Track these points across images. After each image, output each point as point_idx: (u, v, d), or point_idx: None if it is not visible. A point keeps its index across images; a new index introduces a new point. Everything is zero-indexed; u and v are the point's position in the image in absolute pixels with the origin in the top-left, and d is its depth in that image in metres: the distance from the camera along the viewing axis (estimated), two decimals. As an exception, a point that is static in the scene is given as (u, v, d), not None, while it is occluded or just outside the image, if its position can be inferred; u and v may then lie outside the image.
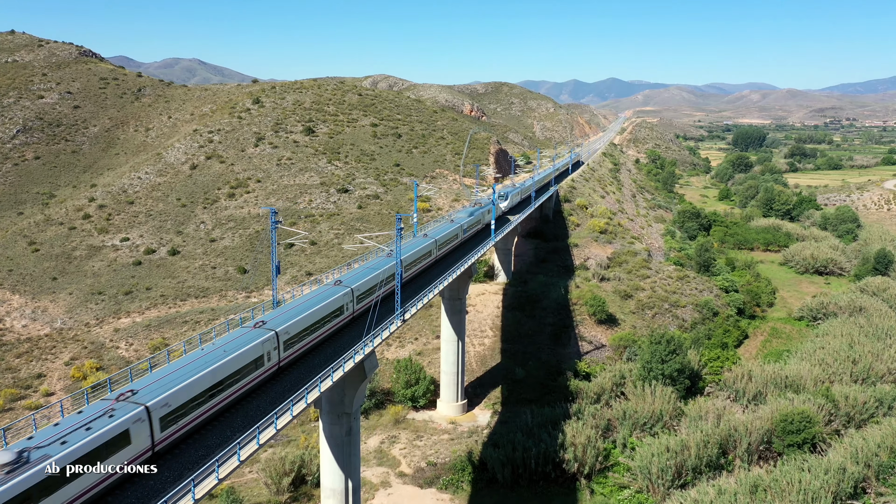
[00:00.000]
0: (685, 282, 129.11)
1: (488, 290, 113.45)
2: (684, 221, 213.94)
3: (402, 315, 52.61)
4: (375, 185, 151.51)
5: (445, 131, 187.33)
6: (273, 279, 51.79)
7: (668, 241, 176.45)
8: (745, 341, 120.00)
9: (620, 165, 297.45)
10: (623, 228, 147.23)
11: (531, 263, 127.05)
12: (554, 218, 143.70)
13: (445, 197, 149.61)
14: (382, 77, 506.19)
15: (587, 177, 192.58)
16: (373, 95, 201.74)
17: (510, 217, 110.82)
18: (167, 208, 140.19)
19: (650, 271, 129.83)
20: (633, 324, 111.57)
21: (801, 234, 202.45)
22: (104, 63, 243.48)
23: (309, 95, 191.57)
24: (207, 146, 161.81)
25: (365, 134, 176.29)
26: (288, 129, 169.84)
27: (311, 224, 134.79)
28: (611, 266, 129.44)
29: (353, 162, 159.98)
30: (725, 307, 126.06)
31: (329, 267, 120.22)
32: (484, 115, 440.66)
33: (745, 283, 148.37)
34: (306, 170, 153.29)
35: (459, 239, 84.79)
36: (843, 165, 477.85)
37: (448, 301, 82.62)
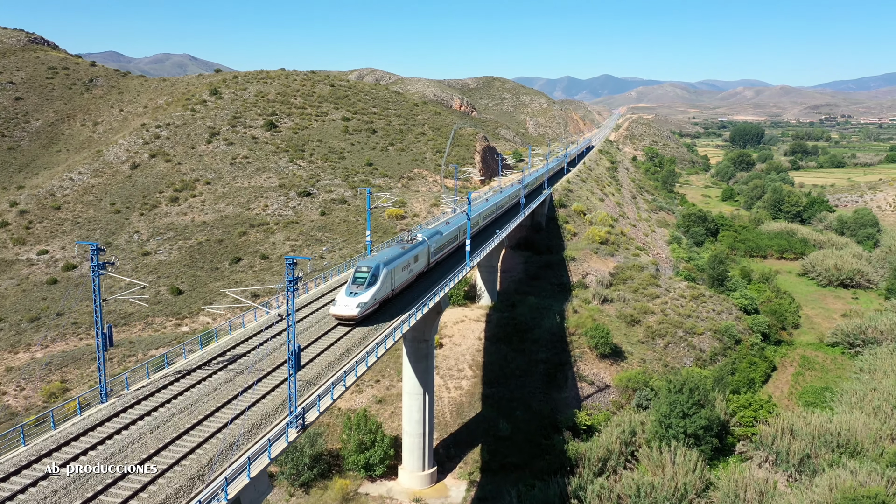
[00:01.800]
0: (700, 302, 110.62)
1: (468, 315, 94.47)
2: (690, 225, 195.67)
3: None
4: (343, 187, 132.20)
5: (426, 126, 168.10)
6: (98, 355, 32.99)
7: (675, 249, 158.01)
8: (773, 374, 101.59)
9: (618, 164, 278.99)
10: (626, 238, 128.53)
11: (520, 281, 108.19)
12: (547, 226, 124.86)
13: (423, 201, 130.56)
14: (369, 71, 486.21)
15: (584, 177, 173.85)
16: (346, 87, 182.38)
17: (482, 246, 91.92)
18: (98, 215, 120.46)
19: (659, 289, 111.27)
20: (643, 356, 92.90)
21: (818, 241, 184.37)
22: (57, 51, 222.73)
23: (274, 86, 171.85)
24: (153, 143, 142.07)
25: (335, 129, 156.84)
26: (247, 124, 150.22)
27: (264, 234, 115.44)
28: (614, 283, 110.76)
29: (318, 161, 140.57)
30: (748, 333, 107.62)
31: (281, 287, 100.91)
32: (474, 111, 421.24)
33: (765, 300, 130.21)
34: (264, 170, 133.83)
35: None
36: (847, 163, 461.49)
37: (411, 344, 63.61)
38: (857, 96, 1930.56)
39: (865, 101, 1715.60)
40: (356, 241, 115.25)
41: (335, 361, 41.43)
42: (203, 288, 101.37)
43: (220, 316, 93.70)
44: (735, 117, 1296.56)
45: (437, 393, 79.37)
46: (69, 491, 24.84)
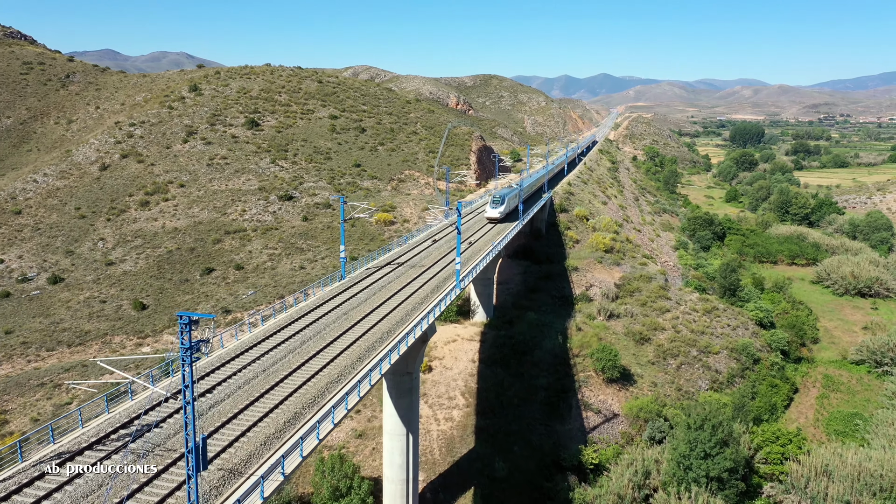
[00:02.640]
0: (714, 316, 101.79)
1: (461, 334, 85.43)
2: (695, 229, 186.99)
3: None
4: (328, 190, 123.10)
5: (419, 125, 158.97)
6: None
7: (682, 255, 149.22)
8: (796, 396, 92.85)
9: (618, 164, 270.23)
10: (632, 245, 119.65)
11: (518, 294, 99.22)
12: (548, 232, 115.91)
13: (414, 205, 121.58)
14: (364, 68, 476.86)
15: (585, 178, 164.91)
16: (335, 83, 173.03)
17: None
18: (61, 220, 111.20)
19: (669, 302, 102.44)
20: (653, 379, 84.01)
21: (830, 245, 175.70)
22: (34, 46, 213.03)
23: (258, 82, 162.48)
24: (125, 142, 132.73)
25: (321, 128, 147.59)
26: (227, 122, 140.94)
27: (240, 241, 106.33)
28: (620, 296, 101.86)
29: (302, 162, 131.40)
30: (766, 350, 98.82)
31: (255, 302, 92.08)
32: (471, 109, 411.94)
33: (780, 312, 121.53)
34: (243, 171, 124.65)
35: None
36: (850, 163, 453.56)
37: (392, 377, 54.55)
38: (854, 95, 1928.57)
39: (863, 100, 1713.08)
40: (340, 250, 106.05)
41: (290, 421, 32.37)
42: (169, 302, 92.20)
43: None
44: (734, 116, 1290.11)
45: (426, 425, 70.47)
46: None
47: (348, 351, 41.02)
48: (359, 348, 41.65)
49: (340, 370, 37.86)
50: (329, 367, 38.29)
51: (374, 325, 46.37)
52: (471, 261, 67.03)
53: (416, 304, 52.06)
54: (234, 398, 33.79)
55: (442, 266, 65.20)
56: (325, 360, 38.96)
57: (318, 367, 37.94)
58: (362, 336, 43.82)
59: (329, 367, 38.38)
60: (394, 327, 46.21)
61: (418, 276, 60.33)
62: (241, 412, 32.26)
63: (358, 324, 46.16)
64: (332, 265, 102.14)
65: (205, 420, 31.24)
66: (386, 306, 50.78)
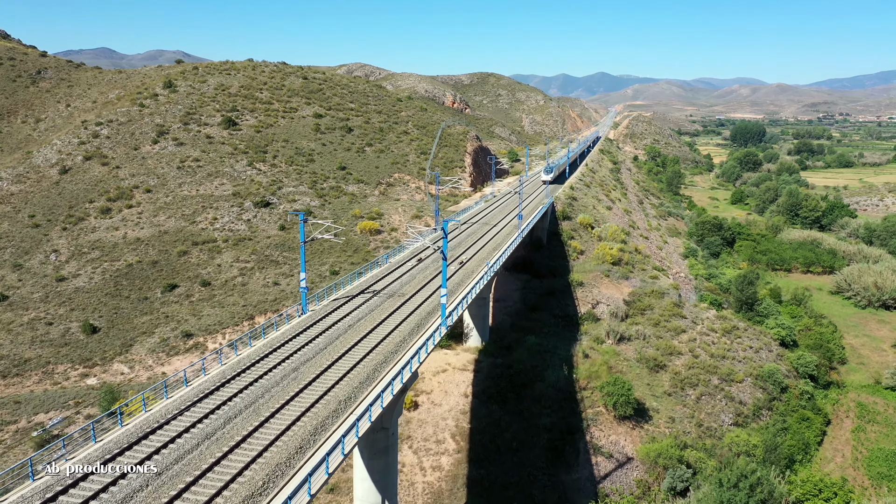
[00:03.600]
0: (734, 337, 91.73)
1: (452, 362, 75.16)
2: (703, 234, 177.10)
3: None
4: (309, 195, 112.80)
5: (410, 124, 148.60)
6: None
7: (693, 264, 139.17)
8: (829, 428, 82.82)
9: (620, 164, 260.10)
10: (641, 256, 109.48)
11: (517, 314, 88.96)
12: (549, 242, 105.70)
13: (403, 212, 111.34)
14: (358, 66, 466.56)
15: (587, 181, 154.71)
16: (321, 80, 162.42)
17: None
18: (12, 229, 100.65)
19: (685, 321, 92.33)
20: (671, 413, 73.87)
21: (847, 252, 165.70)
22: (6, 41, 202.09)
23: (238, 78, 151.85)
24: (90, 143, 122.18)
25: (305, 128, 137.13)
26: (202, 121, 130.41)
27: (209, 253, 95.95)
28: (630, 315, 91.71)
29: (282, 164, 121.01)
30: (793, 376, 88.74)
31: (220, 323, 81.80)
32: (468, 108, 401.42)
33: (803, 328, 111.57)
34: (217, 174, 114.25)
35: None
36: (855, 163, 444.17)
37: (363, 437, 44.18)
38: (853, 94, 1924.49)
39: (862, 98, 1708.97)
40: (319, 263, 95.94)
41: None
42: (125, 324, 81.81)
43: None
44: (732, 115, 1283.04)
45: (409, 476, 60.25)
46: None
47: (291, 432, 30.67)
48: (306, 426, 31.32)
49: (272, 468, 27.49)
50: (261, 461, 27.93)
51: (333, 385, 36.04)
52: (461, 286, 56.73)
53: (392, 350, 41.74)
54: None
55: (427, 295, 54.86)
56: (253, 451, 28.58)
57: (240, 464, 27.53)
58: (314, 405, 33.49)
59: (260, 459, 28.01)
60: (357, 389, 35.89)
61: (397, 310, 49.97)
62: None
63: (311, 385, 35.83)
64: (309, 280, 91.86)
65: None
66: (352, 355, 40.45)
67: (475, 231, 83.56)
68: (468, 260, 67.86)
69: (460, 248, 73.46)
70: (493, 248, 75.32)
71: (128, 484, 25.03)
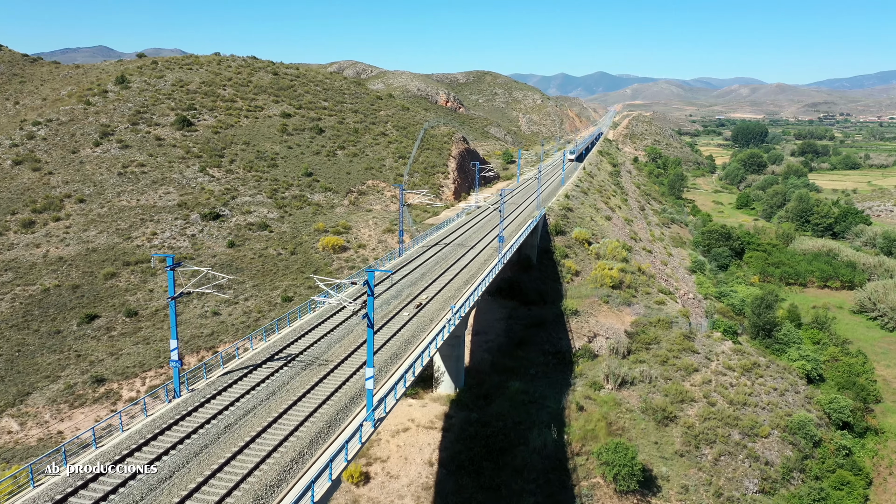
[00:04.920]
0: (755, 376, 78.22)
1: (417, 417, 61.42)
2: (710, 244, 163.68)
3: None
4: (268, 206, 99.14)
5: (390, 125, 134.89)
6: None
7: (701, 281, 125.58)
8: (870, 489, 69.33)
9: (620, 166, 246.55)
10: (645, 276, 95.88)
11: (500, 350, 75.28)
12: (540, 261, 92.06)
13: (375, 226, 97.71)
14: (350, 63, 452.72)
15: (585, 187, 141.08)
16: (293, 76, 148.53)
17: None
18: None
19: (697, 357, 78.78)
20: (684, 480, 60.35)
21: (868, 265, 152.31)
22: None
23: (200, 74, 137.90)
24: (24, 144, 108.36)
25: (270, 128, 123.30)
26: (153, 121, 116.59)
27: (141, 276, 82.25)
28: (633, 350, 78.14)
29: (239, 170, 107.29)
30: (826, 423, 75.25)
31: (141, 364, 68.16)
32: (462, 107, 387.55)
33: (829, 359, 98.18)
34: (163, 182, 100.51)
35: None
36: (861, 164, 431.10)
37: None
38: (853, 94, 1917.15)
39: (862, 98, 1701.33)
40: (271, 287, 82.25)
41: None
42: (26, 364, 68.11)
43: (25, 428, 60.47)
44: (732, 115, 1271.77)
45: (350, 581, 46.55)
46: None
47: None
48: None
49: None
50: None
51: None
52: (408, 348, 42.86)
53: (274, 480, 27.81)
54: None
55: (356, 365, 40.74)
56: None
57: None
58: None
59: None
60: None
61: (310, 391, 35.95)
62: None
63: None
64: (256, 308, 78.27)
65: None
66: (214, 486, 26.58)
67: (446, 256, 69.63)
68: (429, 300, 53.73)
69: (423, 282, 59.28)
70: (466, 279, 61.54)
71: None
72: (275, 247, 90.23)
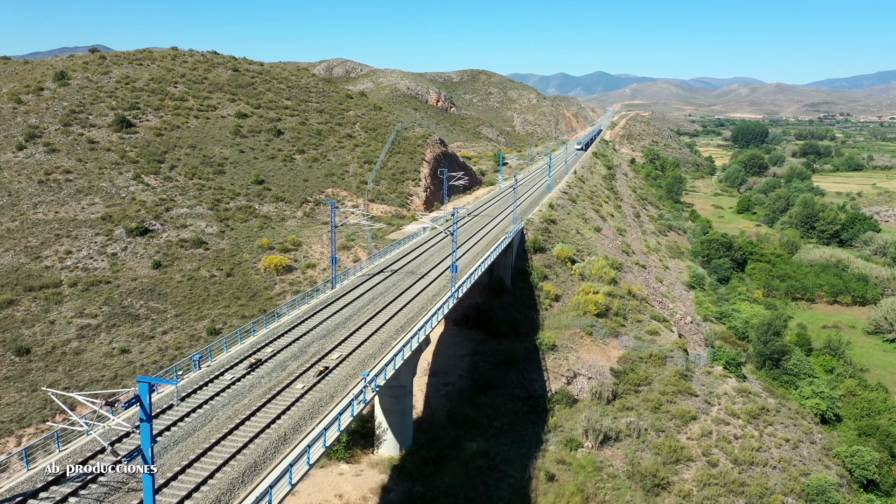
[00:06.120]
0: (763, 423, 66.35)
1: (347, 493, 49.28)
2: (710, 254, 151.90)
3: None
4: (207, 219, 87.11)
5: (358, 126, 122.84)
6: None
7: (700, 299, 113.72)
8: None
9: (615, 168, 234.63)
10: (636, 301, 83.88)
11: (460, 395, 63.27)
12: (515, 284, 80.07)
13: (329, 242, 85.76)
14: (340, 62, 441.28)
15: (574, 194, 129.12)
16: (256, 72, 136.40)
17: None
18: None
19: (695, 400, 66.93)
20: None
21: (881, 278, 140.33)
22: None
23: (151, 70, 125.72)
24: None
25: (222, 130, 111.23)
26: (89, 122, 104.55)
27: (44, 303, 70.23)
28: (620, 393, 66.24)
29: (180, 177, 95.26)
30: (847, 482, 63.39)
31: (20, 418, 56.14)
32: (453, 107, 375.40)
33: (845, 393, 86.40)
34: (88, 191, 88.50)
35: None
36: (865, 166, 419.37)
37: None
38: (852, 94, 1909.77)
39: (862, 98, 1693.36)
40: (197, 317, 70.25)
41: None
42: None
43: None
44: (732, 115, 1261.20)
45: None
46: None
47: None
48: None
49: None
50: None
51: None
52: (283, 450, 30.54)
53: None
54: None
55: (263, 425, 28.84)
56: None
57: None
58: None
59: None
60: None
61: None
62: None
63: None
64: (175, 344, 66.30)
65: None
66: None
67: (388, 289, 56.97)
68: (341, 360, 40.46)
69: (343, 331, 45.88)
70: (402, 324, 49.19)
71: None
72: (209, 267, 78.24)
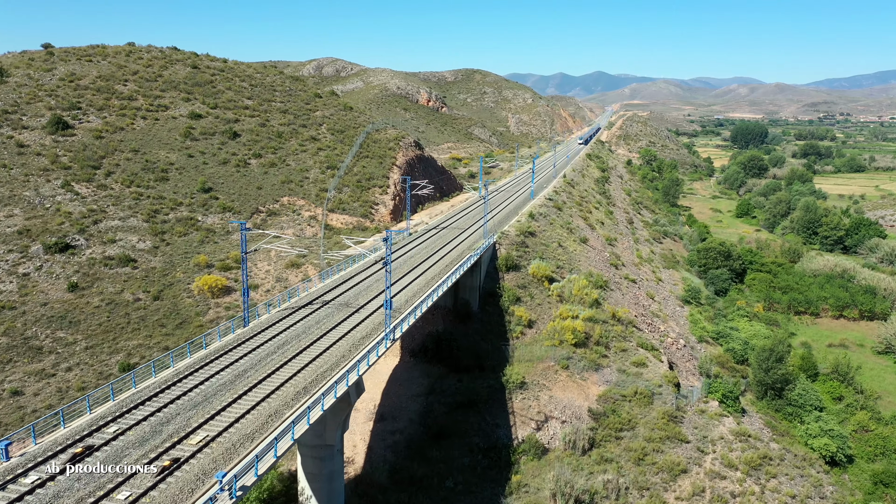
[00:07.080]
0: (765, 475, 56.85)
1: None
2: (707, 264, 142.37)
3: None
4: (140, 232, 77.53)
5: (324, 128, 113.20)
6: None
7: (694, 317, 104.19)
8: None
9: (610, 171, 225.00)
10: (622, 325, 74.25)
11: (410, 446, 53.65)
12: (483, 308, 70.48)
13: (278, 259, 76.17)
14: (329, 60, 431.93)
15: (560, 201, 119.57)
16: (217, 69, 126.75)
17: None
18: None
19: (686, 448, 57.40)
20: None
21: (890, 290, 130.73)
22: None
23: (101, 66, 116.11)
24: None
25: (171, 132, 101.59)
26: (21, 123, 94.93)
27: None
28: (599, 440, 56.71)
29: (116, 185, 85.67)
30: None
31: None
32: (444, 106, 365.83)
33: (856, 428, 76.97)
34: (8, 201, 78.89)
35: None
36: (866, 167, 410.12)
37: None
38: (852, 94, 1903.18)
39: (861, 98, 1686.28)
40: (111, 349, 60.69)
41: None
42: None
43: None
44: (731, 115, 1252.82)
45: None
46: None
47: None
48: None
49: None
50: None
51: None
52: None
53: None
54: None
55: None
56: None
57: None
58: None
59: None
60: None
61: None
62: None
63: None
64: (78, 383, 56.77)
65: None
66: None
67: (309, 328, 47.07)
68: (204, 444, 30.00)
69: (224, 396, 34.63)
70: (310, 381, 39.53)
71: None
72: (134, 289, 68.69)
